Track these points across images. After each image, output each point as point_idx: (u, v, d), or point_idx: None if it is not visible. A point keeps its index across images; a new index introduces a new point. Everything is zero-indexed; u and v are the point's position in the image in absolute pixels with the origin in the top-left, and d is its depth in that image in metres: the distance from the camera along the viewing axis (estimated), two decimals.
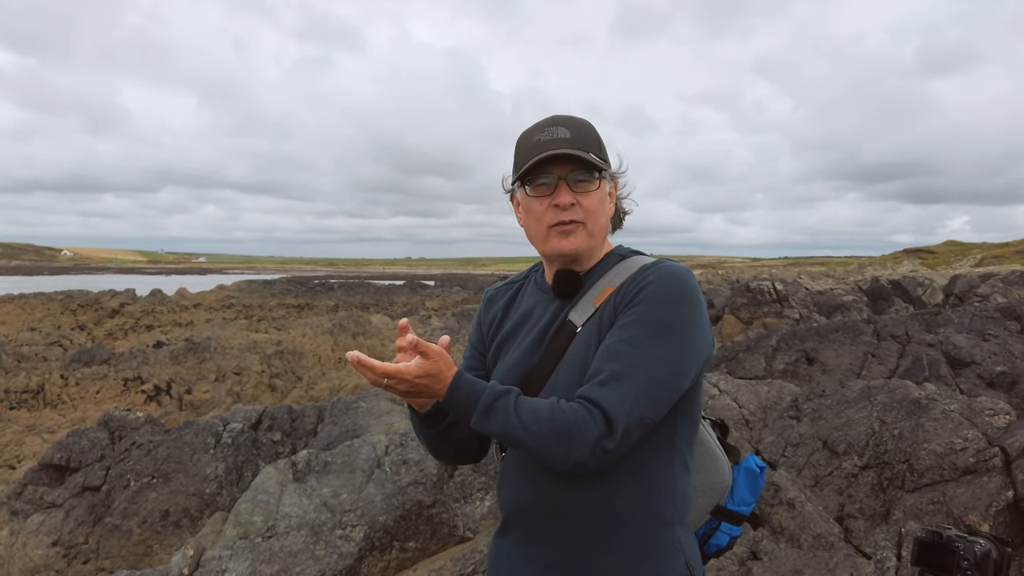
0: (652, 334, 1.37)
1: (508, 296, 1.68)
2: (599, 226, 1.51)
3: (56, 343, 18.88)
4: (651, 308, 1.39)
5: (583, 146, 1.47)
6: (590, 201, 1.48)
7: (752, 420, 5.52)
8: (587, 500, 1.42)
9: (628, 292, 1.44)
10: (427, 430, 1.51)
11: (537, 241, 1.53)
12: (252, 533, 4.32)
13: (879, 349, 10.17)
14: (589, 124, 1.52)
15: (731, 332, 18.27)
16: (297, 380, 15.73)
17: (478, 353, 1.68)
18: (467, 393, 1.36)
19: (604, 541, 1.42)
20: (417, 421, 1.51)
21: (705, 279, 45.92)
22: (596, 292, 1.50)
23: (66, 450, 6.56)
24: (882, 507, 4.14)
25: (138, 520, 5.53)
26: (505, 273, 17.45)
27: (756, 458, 1.68)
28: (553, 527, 1.45)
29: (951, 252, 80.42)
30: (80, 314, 28.52)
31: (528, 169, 1.47)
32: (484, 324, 1.69)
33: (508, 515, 1.54)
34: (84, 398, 14.09)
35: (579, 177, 1.47)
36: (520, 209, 1.56)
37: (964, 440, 4.12)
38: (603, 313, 1.46)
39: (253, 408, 6.97)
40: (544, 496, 1.45)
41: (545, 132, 1.48)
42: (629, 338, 1.37)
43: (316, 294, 44.84)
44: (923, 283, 27.92)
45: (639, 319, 1.39)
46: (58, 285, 50.21)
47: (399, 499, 4.46)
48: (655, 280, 1.42)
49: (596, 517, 1.42)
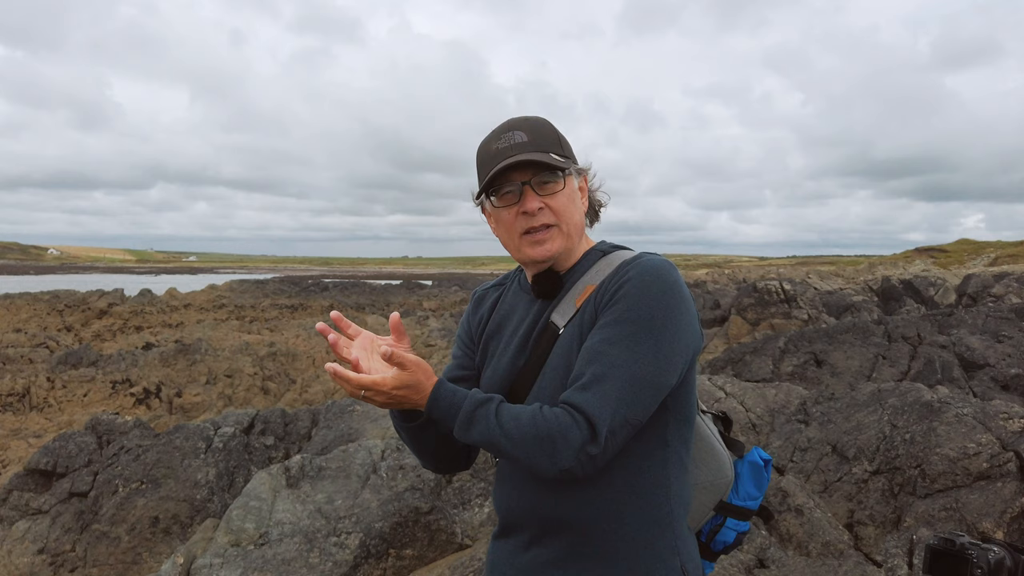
0: (633, 332, 1.37)
1: (495, 297, 1.71)
2: (573, 225, 1.53)
3: (42, 345, 18.88)
4: (631, 305, 1.39)
5: (541, 147, 1.49)
6: (558, 202, 1.49)
7: (759, 424, 5.52)
8: (579, 504, 1.44)
9: (608, 290, 1.45)
10: (407, 423, 1.51)
11: (511, 250, 1.55)
12: (244, 540, 4.32)
13: (890, 351, 10.18)
14: (546, 122, 1.54)
15: (737, 333, 18.28)
16: (290, 383, 15.73)
17: (469, 352, 1.70)
18: (448, 403, 1.38)
19: (598, 544, 1.44)
20: (397, 416, 1.52)
21: (711, 279, 45.93)
22: (577, 291, 1.52)
23: (52, 455, 6.56)
24: (893, 514, 4.14)
25: (127, 527, 5.53)
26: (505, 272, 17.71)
27: (761, 451, 1.69)
28: (547, 531, 1.48)
29: (964, 251, 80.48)
30: (67, 315, 28.53)
31: (490, 180, 1.49)
32: (473, 324, 1.71)
33: (504, 519, 1.58)
34: (71, 401, 14.09)
35: (543, 179, 1.48)
36: (491, 219, 1.58)
37: (978, 445, 4.12)
38: (584, 313, 1.47)
39: (245, 412, 6.98)
40: (537, 500, 1.48)
41: (502, 139, 1.50)
42: (610, 337, 1.37)
43: (310, 294, 44.87)
44: (935, 283, 27.93)
45: (619, 317, 1.39)
46: (44, 285, 50.23)
47: (395, 505, 4.46)
48: (635, 276, 1.42)
49: (588, 520, 1.44)
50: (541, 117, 1.55)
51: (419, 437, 1.53)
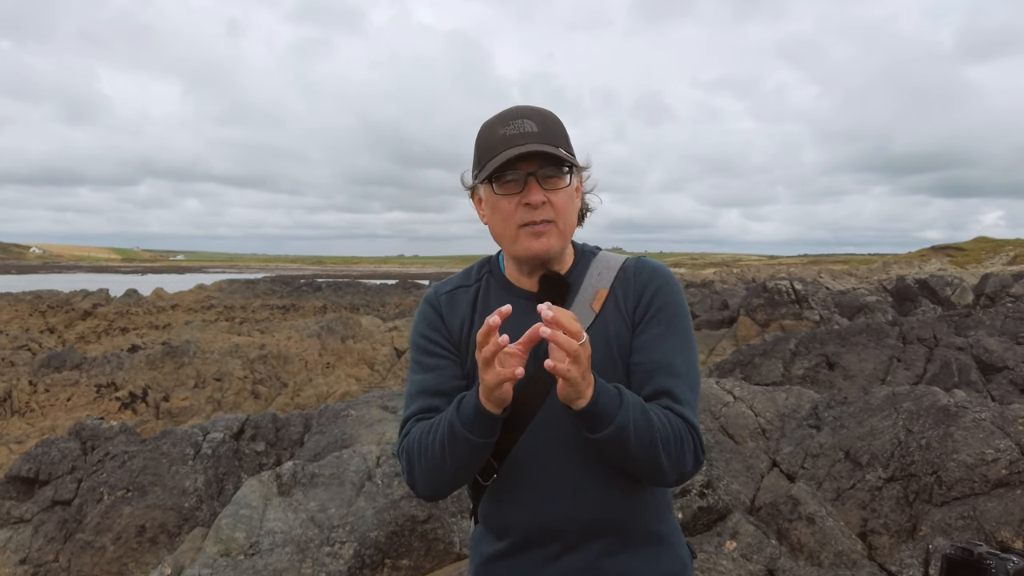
0: (686, 343, 1.51)
1: (469, 298, 1.61)
2: (570, 225, 1.53)
3: (24, 347, 18.88)
4: (677, 316, 1.52)
5: (551, 140, 1.47)
6: (560, 199, 1.49)
7: (769, 429, 5.52)
8: (621, 503, 1.50)
9: (634, 294, 1.52)
10: (489, 438, 1.40)
11: (505, 241, 1.52)
12: (234, 550, 4.33)
13: (905, 353, 10.18)
14: (555, 116, 1.53)
15: (746, 335, 18.28)
16: (282, 386, 15.74)
17: (455, 358, 1.58)
18: (608, 392, 1.32)
19: (630, 540, 1.52)
20: (489, 422, 1.37)
21: (719, 278, 45.93)
22: (587, 296, 1.53)
23: (35, 461, 6.56)
24: (908, 522, 4.14)
25: (112, 536, 5.53)
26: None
27: None
28: (587, 536, 1.50)
29: (982, 249, 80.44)
30: (50, 316, 28.55)
31: (499, 166, 1.46)
32: (453, 329, 1.59)
33: (526, 533, 1.52)
34: (54, 406, 14.10)
35: (549, 173, 1.47)
36: (484, 206, 1.55)
37: (996, 451, 4.12)
38: (607, 318, 1.51)
39: (235, 416, 6.98)
40: (582, 506, 1.49)
41: (510, 126, 1.48)
42: (674, 350, 1.49)
43: (302, 294, 44.87)
44: (952, 282, 27.93)
45: (671, 328, 1.51)
46: (26, 285, 50.25)
47: (391, 514, 4.46)
48: (663, 284, 1.54)
49: (627, 518, 1.51)
50: (549, 110, 1.54)
51: (484, 450, 1.42)
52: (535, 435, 1.49)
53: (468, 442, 1.38)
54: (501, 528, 1.57)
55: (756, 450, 5.26)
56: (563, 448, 1.47)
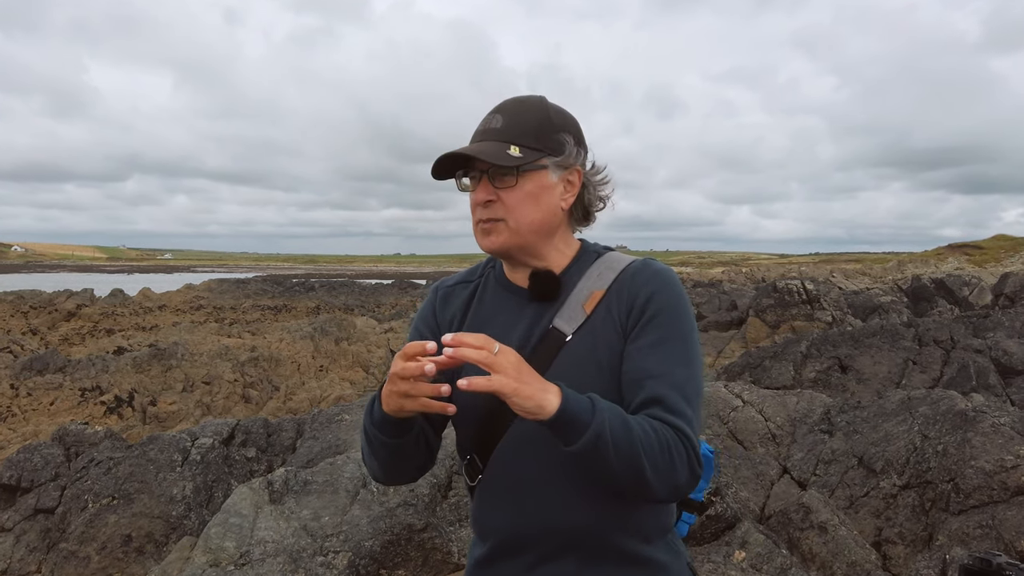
0: (685, 350, 1.47)
1: (466, 295, 1.67)
2: (525, 223, 1.52)
3: (5, 349, 18.89)
4: (674, 321, 1.48)
5: (513, 137, 1.49)
6: (510, 198, 1.51)
7: (779, 434, 5.52)
8: (599, 513, 1.47)
9: (629, 298, 1.50)
10: (397, 439, 1.45)
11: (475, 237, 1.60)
12: (224, 560, 4.33)
13: (921, 355, 10.18)
14: (535, 106, 1.54)
15: (756, 337, 18.28)
16: (274, 390, 15.75)
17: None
18: (578, 402, 1.29)
19: (613, 552, 1.48)
20: (390, 427, 1.42)
21: (727, 278, 45.94)
22: (581, 296, 1.53)
23: (16, 468, 6.57)
24: (924, 531, 4.14)
25: (97, 546, 5.53)
26: None
27: (705, 444, 1.75)
28: (562, 546, 1.48)
29: (1001, 248, 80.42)
30: (32, 316, 28.56)
31: (438, 163, 1.52)
32: (443, 323, 1.65)
33: (502, 541, 1.53)
34: (36, 410, 14.10)
35: (498, 172, 1.51)
36: None
37: (1016, 457, 4.12)
38: (597, 320, 1.49)
39: (225, 421, 6.98)
40: (553, 514, 1.47)
41: (484, 121, 1.54)
42: (670, 358, 1.45)
43: (295, 295, 44.88)
44: (970, 282, 27.92)
45: (666, 335, 1.46)
46: (7, 284, 50.26)
47: (387, 522, 4.46)
48: (660, 288, 1.50)
49: (607, 529, 1.47)
50: (536, 98, 1.56)
51: (402, 448, 1.47)
52: (517, 435, 1.49)
53: (380, 440, 1.45)
54: (483, 532, 1.58)
55: (766, 456, 5.26)
56: (543, 453, 1.45)
